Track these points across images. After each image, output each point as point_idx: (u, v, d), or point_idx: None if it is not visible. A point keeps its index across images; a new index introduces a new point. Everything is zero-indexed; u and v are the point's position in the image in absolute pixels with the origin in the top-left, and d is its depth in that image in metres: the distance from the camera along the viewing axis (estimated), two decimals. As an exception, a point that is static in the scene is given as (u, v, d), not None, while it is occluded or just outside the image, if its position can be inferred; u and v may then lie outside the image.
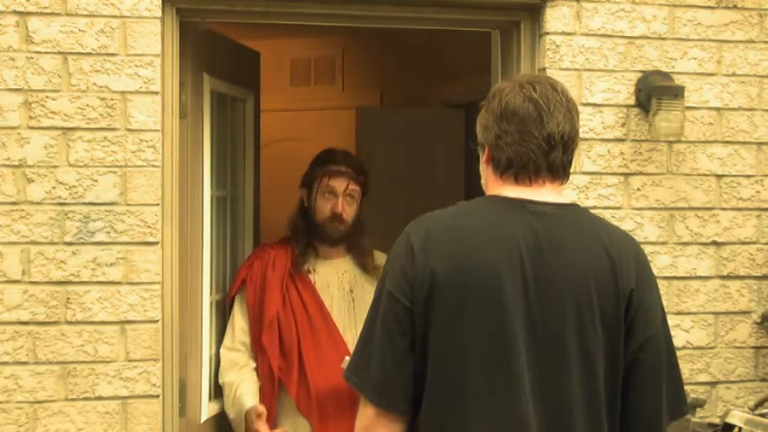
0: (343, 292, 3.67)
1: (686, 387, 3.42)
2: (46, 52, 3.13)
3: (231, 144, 3.99)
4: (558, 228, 2.16)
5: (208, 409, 3.59)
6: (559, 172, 2.22)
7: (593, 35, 3.44)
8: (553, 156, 2.19)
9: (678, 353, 3.49)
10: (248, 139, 4.10)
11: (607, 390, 2.13)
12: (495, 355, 2.08)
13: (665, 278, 3.49)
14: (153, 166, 3.18)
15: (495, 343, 2.08)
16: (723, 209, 3.54)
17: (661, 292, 3.45)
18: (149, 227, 3.17)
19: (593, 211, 3.42)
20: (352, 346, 2.88)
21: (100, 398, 3.16)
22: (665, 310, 3.48)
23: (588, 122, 3.43)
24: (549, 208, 2.18)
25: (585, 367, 2.10)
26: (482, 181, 2.30)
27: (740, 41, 3.54)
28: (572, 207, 2.23)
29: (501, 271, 2.09)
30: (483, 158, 2.27)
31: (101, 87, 3.15)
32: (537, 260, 2.11)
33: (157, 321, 3.19)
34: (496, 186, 2.23)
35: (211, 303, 3.64)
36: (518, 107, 2.19)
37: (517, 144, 2.18)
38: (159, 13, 3.19)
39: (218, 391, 3.67)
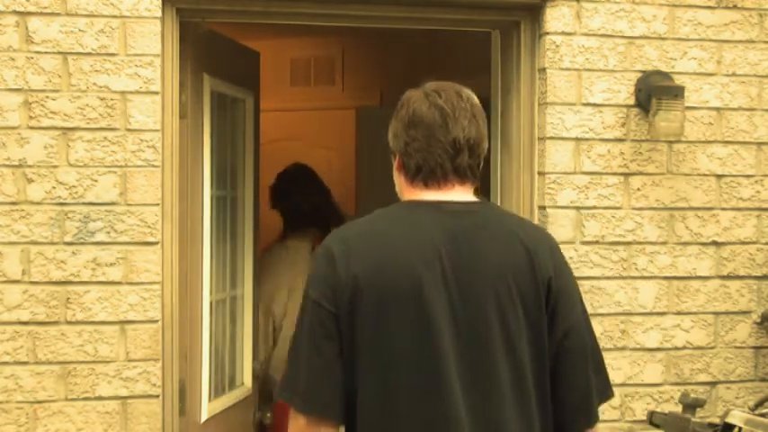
0: None
1: (686, 387, 3.43)
2: (46, 52, 3.13)
3: (231, 144, 3.99)
4: (472, 224, 2.21)
5: (208, 409, 3.59)
6: (467, 174, 2.25)
7: (593, 35, 3.44)
8: (459, 159, 2.24)
9: (678, 353, 3.51)
10: (248, 139, 4.10)
11: (535, 376, 2.16)
12: (421, 353, 2.11)
13: (665, 278, 3.49)
14: (153, 166, 3.18)
15: (420, 341, 2.11)
16: (723, 209, 3.54)
17: (661, 292, 3.47)
18: (149, 227, 3.17)
19: (593, 211, 3.44)
20: None
21: (100, 398, 3.16)
22: (666, 310, 3.49)
23: (588, 122, 3.43)
24: (462, 206, 2.23)
25: (511, 356, 2.14)
26: (396, 188, 2.36)
27: (740, 41, 3.54)
28: (484, 204, 2.29)
29: (421, 271, 2.13)
30: (395, 165, 2.34)
31: (101, 87, 3.15)
32: (455, 257, 2.15)
33: (157, 321, 3.19)
34: (409, 192, 2.29)
35: (211, 303, 3.64)
36: (424, 114, 2.28)
37: (424, 150, 2.24)
38: (159, 13, 3.19)
39: (218, 391, 3.68)
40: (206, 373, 3.57)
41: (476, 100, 2.30)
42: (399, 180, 2.34)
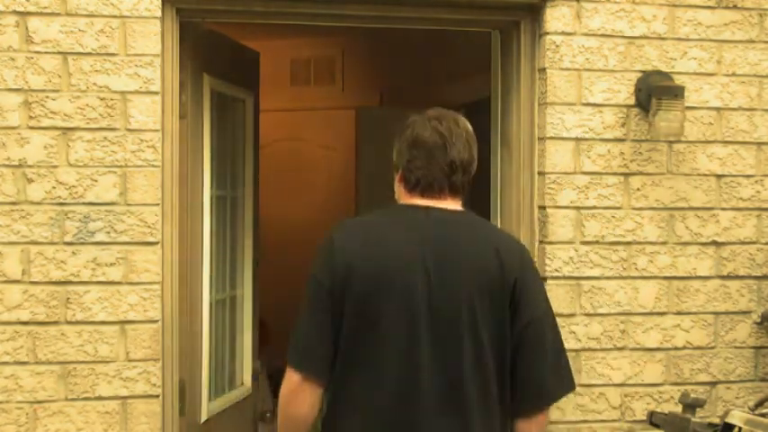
0: None
1: (686, 387, 3.43)
2: (46, 52, 3.13)
3: (231, 144, 3.99)
4: (454, 229, 2.60)
5: (208, 409, 3.59)
6: (459, 190, 2.64)
7: (593, 35, 3.44)
8: (454, 177, 2.62)
9: (678, 353, 3.50)
10: (248, 139, 4.10)
11: (494, 355, 2.54)
12: (400, 332, 2.51)
13: (665, 278, 3.49)
14: (153, 166, 3.18)
15: (400, 321, 2.51)
16: (723, 209, 3.54)
17: (661, 292, 3.46)
18: (149, 227, 3.17)
19: (592, 211, 3.43)
20: None
21: (100, 398, 3.16)
22: (666, 309, 3.48)
23: (588, 122, 3.43)
24: (448, 214, 2.60)
25: (475, 343, 2.52)
26: (396, 195, 2.73)
27: (740, 41, 3.54)
28: (468, 214, 2.64)
29: (407, 263, 2.53)
30: (397, 178, 2.70)
31: (101, 87, 3.15)
32: (436, 253, 2.54)
33: (157, 321, 3.19)
34: (407, 200, 2.66)
35: (211, 303, 3.64)
36: (426, 137, 2.61)
37: (425, 168, 2.61)
38: (159, 13, 3.19)
39: (218, 391, 3.68)
40: (206, 373, 3.58)
41: (470, 127, 2.64)
42: (399, 190, 2.70)
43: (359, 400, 2.54)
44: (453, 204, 2.63)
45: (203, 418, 3.56)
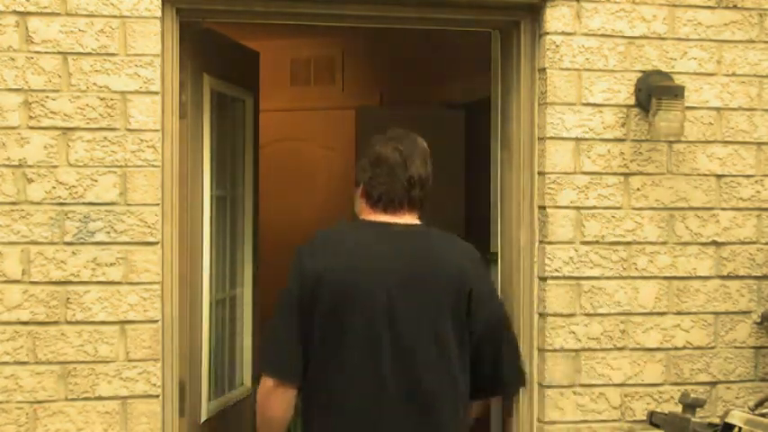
0: None
1: (686, 387, 3.43)
2: (46, 52, 3.13)
3: (231, 144, 3.99)
4: (414, 242, 2.86)
5: (208, 409, 3.59)
6: (416, 205, 2.88)
7: (593, 35, 3.44)
8: (413, 193, 2.87)
9: (678, 353, 3.51)
10: (248, 139, 4.10)
11: (457, 353, 2.78)
12: (366, 340, 2.74)
13: (665, 278, 3.49)
14: (153, 166, 3.18)
15: (366, 330, 2.73)
16: (723, 209, 3.54)
17: (661, 292, 3.47)
18: (149, 227, 3.17)
19: (592, 211, 3.43)
20: None
21: (100, 398, 3.16)
22: (666, 309, 3.48)
23: (588, 122, 3.43)
24: (408, 227, 2.85)
25: (440, 344, 2.75)
26: (356, 209, 2.95)
27: (740, 41, 3.54)
28: (426, 227, 2.89)
29: (373, 275, 2.75)
30: (359, 193, 2.92)
31: (101, 87, 3.15)
32: (400, 267, 2.78)
33: (157, 321, 3.19)
34: (368, 214, 2.89)
35: (211, 303, 3.64)
36: (388, 155, 2.85)
37: (387, 184, 2.84)
38: (159, 13, 3.19)
39: (218, 391, 3.67)
40: (206, 373, 3.58)
41: (425, 145, 2.91)
42: (361, 204, 2.93)
43: (330, 402, 2.74)
44: (411, 218, 2.88)
45: (203, 417, 3.56)
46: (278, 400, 2.78)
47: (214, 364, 3.70)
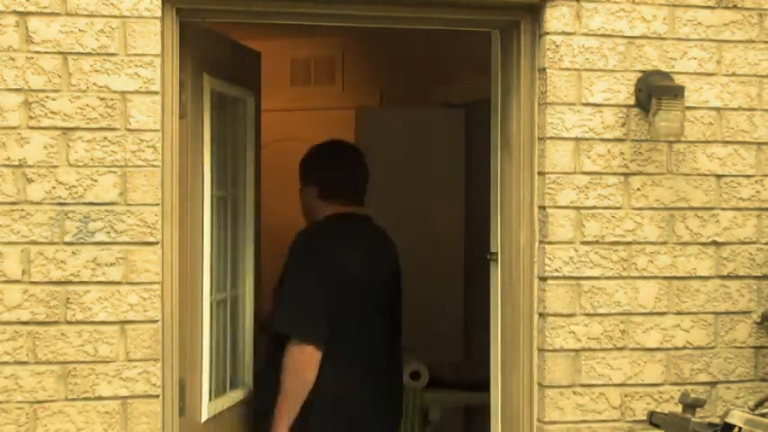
0: None
1: (686, 387, 3.44)
2: (46, 52, 3.13)
3: (232, 144, 3.99)
4: (370, 229, 3.92)
5: (208, 409, 3.59)
6: (362, 199, 3.93)
7: (593, 35, 3.44)
8: (362, 188, 3.89)
9: (678, 353, 3.51)
10: (249, 139, 4.10)
11: (396, 328, 4.00)
12: (363, 310, 3.75)
13: (665, 278, 3.49)
14: (153, 166, 3.18)
15: (362, 301, 3.73)
16: (723, 209, 3.54)
17: (661, 292, 3.47)
18: (149, 227, 3.18)
19: (592, 211, 3.44)
20: None
21: (100, 398, 3.16)
22: (666, 309, 3.50)
23: (588, 122, 3.43)
24: (366, 218, 3.92)
25: (389, 315, 3.94)
26: (307, 206, 3.97)
27: (740, 41, 3.54)
28: (368, 216, 3.96)
29: (359, 257, 3.78)
30: (315, 194, 3.91)
31: (101, 87, 3.15)
32: (373, 253, 3.89)
33: (157, 321, 3.19)
34: (327, 208, 3.88)
35: (212, 303, 3.64)
36: (348, 157, 3.95)
37: (344, 181, 3.88)
38: (159, 13, 3.19)
39: (218, 391, 3.67)
40: (206, 373, 3.58)
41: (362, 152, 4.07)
42: (316, 202, 3.92)
43: (337, 370, 3.64)
44: (361, 209, 3.81)
45: (204, 417, 3.56)
46: (314, 364, 3.48)
47: (216, 364, 3.70)
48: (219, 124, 3.79)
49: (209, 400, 3.61)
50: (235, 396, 3.92)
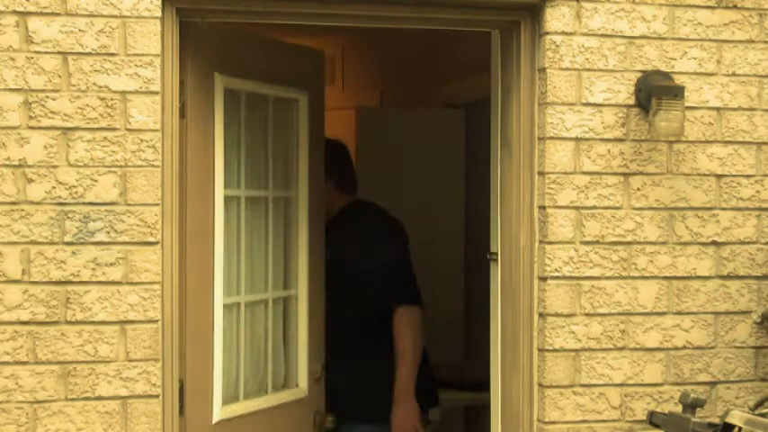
0: None
1: (686, 387, 3.43)
2: (46, 52, 3.13)
3: (278, 144, 3.94)
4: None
5: (221, 413, 3.57)
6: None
7: (593, 35, 3.44)
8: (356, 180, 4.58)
9: (678, 353, 3.51)
10: (302, 140, 4.02)
11: None
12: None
13: (665, 278, 3.49)
14: (153, 166, 3.18)
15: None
16: (723, 209, 3.54)
17: (661, 292, 3.47)
18: (149, 227, 3.18)
19: (592, 211, 3.44)
20: None
21: (100, 398, 3.16)
22: (666, 309, 3.49)
23: (588, 122, 3.43)
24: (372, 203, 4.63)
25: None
26: (327, 198, 4.26)
27: (740, 41, 3.54)
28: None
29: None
30: (333, 185, 4.36)
31: (101, 87, 3.15)
32: None
33: (157, 321, 3.19)
34: (342, 199, 4.46)
35: (224, 306, 3.62)
36: (348, 154, 4.61)
37: (351, 175, 4.55)
38: (159, 13, 3.19)
39: (230, 396, 3.65)
40: (219, 376, 3.56)
41: None
42: (333, 193, 4.38)
43: None
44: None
45: (216, 419, 3.54)
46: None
47: (240, 365, 3.68)
48: (251, 124, 3.77)
49: (226, 402, 3.60)
50: (282, 397, 3.88)
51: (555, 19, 3.42)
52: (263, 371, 3.86)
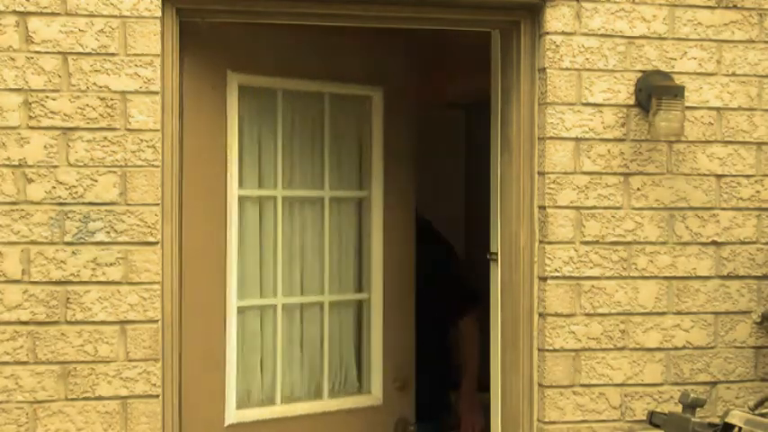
0: None
1: (686, 387, 3.43)
2: (46, 52, 3.13)
3: (336, 143, 3.89)
4: None
5: (235, 416, 3.57)
6: None
7: (593, 35, 3.44)
8: None
9: (678, 353, 3.51)
10: (375, 139, 3.96)
11: None
12: None
13: (665, 278, 3.49)
14: (153, 165, 3.18)
15: None
16: (723, 209, 3.54)
17: (661, 292, 3.47)
18: (149, 227, 3.18)
19: (592, 211, 3.44)
20: None
21: (100, 398, 3.16)
22: (666, 309, 3.48)
23: (588, 122, 3.43)
24: None
25: None
26: None
27: (740, 41, 3.54)
28: None
29: None
30: None
31: (101, 87, 3.15)
32: None
33: (157, 321, 3.19)
34: None
35: (247, 308, 3.62)
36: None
37: None
38: (159, 13, 3.19)
39: (257, 400, 3.66)
40: (233, 379, 3.56)
41: None
42: None
43: None
44: None
45: (228, 422, 3.55)
46: None
47: (276, 368, 3.69)
48: (287, 122, 3.75)
49: (240, 406, 3.60)
50: (339, 403, 3.85)
51: (555, 19, 3.42)
52: (318, 375, 3.82)
